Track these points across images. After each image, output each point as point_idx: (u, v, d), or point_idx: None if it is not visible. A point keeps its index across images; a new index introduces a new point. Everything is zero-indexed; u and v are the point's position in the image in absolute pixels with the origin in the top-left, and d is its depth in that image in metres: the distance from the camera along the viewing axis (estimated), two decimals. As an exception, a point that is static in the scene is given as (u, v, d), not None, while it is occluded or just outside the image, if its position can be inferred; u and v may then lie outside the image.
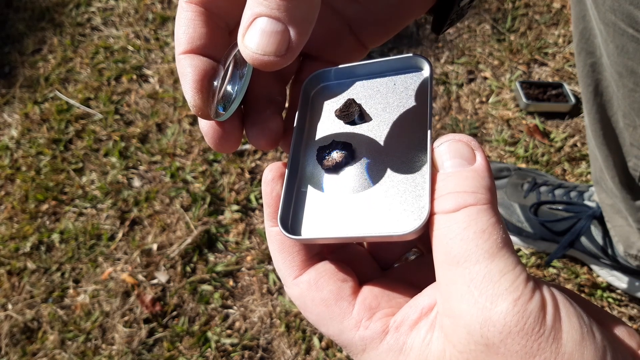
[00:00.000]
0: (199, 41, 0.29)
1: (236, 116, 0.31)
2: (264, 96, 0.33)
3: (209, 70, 0.29)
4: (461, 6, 0.34)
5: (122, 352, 0.99)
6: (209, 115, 0.29)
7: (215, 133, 0.31)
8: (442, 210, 0.25)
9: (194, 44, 0.29)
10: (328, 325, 0.28)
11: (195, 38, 0.29)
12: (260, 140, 0.31)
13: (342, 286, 0.28)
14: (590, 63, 0.72)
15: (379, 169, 0.30)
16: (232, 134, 0.31)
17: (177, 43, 0.30)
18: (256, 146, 0.31)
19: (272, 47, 0.24)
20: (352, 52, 0.36)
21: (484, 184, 0.25)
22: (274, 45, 0.24)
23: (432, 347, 0.24)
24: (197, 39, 0.29)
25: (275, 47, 0.24)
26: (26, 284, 1.10)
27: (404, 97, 0.32)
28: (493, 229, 0.23)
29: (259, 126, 0.31)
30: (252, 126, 0.31)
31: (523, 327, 0.21)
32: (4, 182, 1.28)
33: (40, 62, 1.51)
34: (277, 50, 0.24)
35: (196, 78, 0.29)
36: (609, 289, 0.99)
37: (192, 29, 0.29)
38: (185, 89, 0.29)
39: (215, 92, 0.30)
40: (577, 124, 1.21)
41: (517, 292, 0.22)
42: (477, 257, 0.23)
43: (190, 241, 1.10)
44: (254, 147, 0.32)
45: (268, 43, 0.24)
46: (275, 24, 0.24)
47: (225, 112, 0.29)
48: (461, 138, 0.27)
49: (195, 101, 0.29)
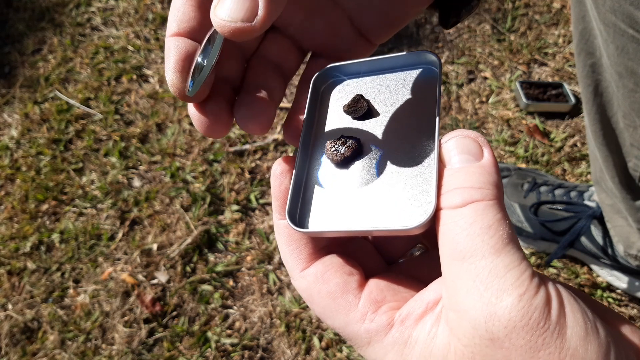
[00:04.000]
0: (186, 24, 0.30)
1: (225, 100, 0.31)
2: (259, 84, 0.33)
3: (191, 52, 0.29)
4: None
5: (122, 352, 0.99)
6: (185, 95, 0.29)
7: (202, 116, 0.30)
8: (449, 206, 0.25)
9: (181, 27, 0.30)
10: (334, 317, 0.28)
11: (183, 21, 0.30)
12: (249, 122, 0.31)
13: (348, 279, 0.28)
14: (590, 63, 0.72)
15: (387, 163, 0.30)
16: (220, 117, 0.30)
17: (167, 27, 0.30)
18: (244, 128, 0.31)
19: (240, 14, 0.24)
20: (356, 47, 0.36)
21: (490, 180, 0.25)
22: (242, 12, 0.24)
23: (437, 340, 0.25)
24: (184, 22, 0.30)
25: (243, 14, 0.24)
26: (26, 284, 1.10)
27: (412, 93, 0.32)
28: (499, 225, 0.23)
29: (248, 107, 0.31)
30: (241, 107, 0.31)
31: (528, 322, 0.21)
32: (4, 182, 1.28)
33: (40, 62, 1.51)
34: (245, 17, 0.24)
35: (176, 58, 0.29)
36: (609, 289, 0.99)
37: (182, 12, 0.30)
38: (166, 69, 0.29)
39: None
40: (577, 124, 1.22)
41: (523, 287, 0.22)
42: (483, 253, 0.23)
43: (190, 241, 1.10)
44: (243, 130, 0.31)
45: (236, 10, 0.24)
46: None
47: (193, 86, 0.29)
48: (469, 134, 0.27)
49: (172, 80, 0.29)
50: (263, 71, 0.34)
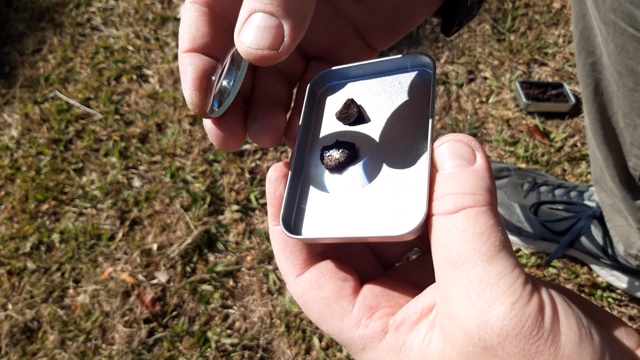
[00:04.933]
0: (200, 40, 0.30)
1: (239, 114, 0.32)
2: (269, 96, 0.33)
3: (208, 69, 0.29)
4: (469, 5, 0.34)
5: (122, 352, 0.99)
6: (206, 113, 0.30)
7: (218, 131, 0.31)
8: (441, 212, 0.25)
9: (196, 43, 0.30)
10: (328, 323, 0.28)
11: (197, 37, 0.30)
12: (261, 136, 0.31)
13: (342, 285, 0.28)
14: (590, 62, 0.72)
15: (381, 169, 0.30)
16: (235, 132, 0.31)
17: (180, 42, 0.30)
18: (257, 142, 0.31)
19: (267, 42, 0.24)
20: (359, 53, 0.36)
21: (483, 185, 0.25)
22: (268, 40, 0.24)
23: (432, 347, 0.24)
24: (199, 38, 0.30)
25: (269, 42, 0.24)
26: (26, 284, 1.10)
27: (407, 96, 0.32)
28: (492, 231, 0.23)
29: (261, 121, 0.31)
30: (254, 122, 0.32)
31: (521, 330, 0.21)
32: (4, 182, 1.28)
33: (40, 62, 1.51)
34: (271, 45, 0.24)
35: (195, 76, 0.29)
36: (609, 289, 0.99)
37: (195, 28, 0.30)
38: (184, 86, 0.29)
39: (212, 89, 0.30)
40: (577, 124, 1.21)
41: (515, 295, 0.22)
42: (475, 260, 0.23)
43: (190, 241, 1.10)
44: (256, 143, 0.32)
45: (262, 37, 0.24)
46: (269, 19, 0.24)
47: (219, 108, 0.29)
48: (461, 138, 0.27)
49: (192, 99, 0.29)
50: (271, 80, 0.34)
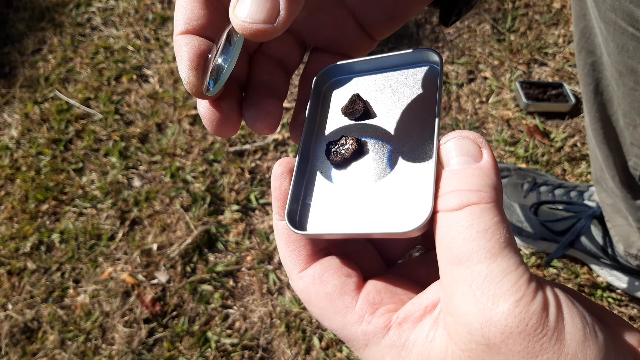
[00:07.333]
0: (195, 22, 0.29)
1: (235, 99, 0.31)
2: (265, 82, 0.33)
3: (204, 49, 0.29)
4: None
5: (122, 352, 0.99)
6: (202, 92, 0.29)
7: (212, 115, 0.30)
8: (446, 209, 0.25)
9: (191, 25, 0.29)
10: (331, 319, 0.28)
11: (192, 19, 0.29)
12: (257, 122, 0.31)
13: (346, 281, 0.28)
14: (590, 62, 0.72)
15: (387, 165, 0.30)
16: (230, 116, 0.30)
17: (175, 25, 0.30)
18: (253, 128, 0.31)
19: (262, 15, 0.23)
20: (358, 43, 0.36)
21: (489, 182, 0.25)
22: (263, 13, 0.23)
23: (435, 344, 0.24)
24: (194, 20, 0.29)
25: (265, 15, 0.23)
26: (26, 284, 1.10)
27: (414, 92, 0.32)
28: (496, 228, 0.23)
29: (257, 107, 0.31)
30: (250, 107, 0.31)
31: (525, 328, 0.21)
32: (4, 182, 1.28)
33: (40, 62, 1.51)
34: (267, 18, 0.23)
35: (191, 56, 0.29)
36: (609, 288, 0.99)
37: (190, 10, 0.30)
38: (180, 66, 0.29)
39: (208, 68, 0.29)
40: (577, 124, 1.21)
41: (519, 292, 0.22)
42: (479, 257, 0.23)
43: (190, 241, 1.10)
44: (251, 129, 0.31)
45: (258, 11, 0.23)
46: None
47: (214, 86, 0.29)
48: (468, 135, 0.27)
49: (189, 78, 0.29)
50: (268, 68, 0.33)
